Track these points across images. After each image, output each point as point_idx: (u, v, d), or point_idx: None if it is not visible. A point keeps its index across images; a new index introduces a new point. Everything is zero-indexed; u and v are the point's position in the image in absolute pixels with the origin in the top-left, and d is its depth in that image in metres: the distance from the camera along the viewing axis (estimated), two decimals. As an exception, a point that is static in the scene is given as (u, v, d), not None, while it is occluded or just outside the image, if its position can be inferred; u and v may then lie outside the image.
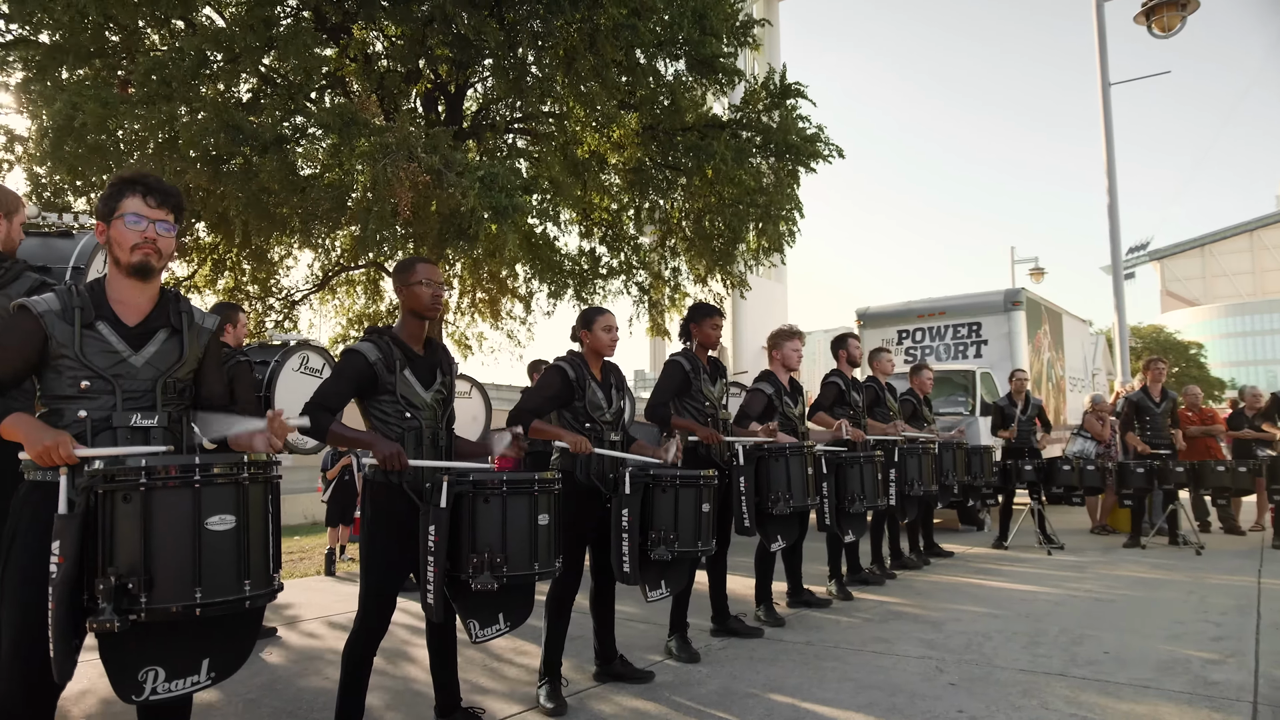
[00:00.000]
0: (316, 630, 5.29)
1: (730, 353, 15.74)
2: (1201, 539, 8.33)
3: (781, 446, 4.52)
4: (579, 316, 3.95)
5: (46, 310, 2.24)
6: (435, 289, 3.13)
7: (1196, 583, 6.31)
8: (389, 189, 5.96)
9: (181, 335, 2.41)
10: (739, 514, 4.44)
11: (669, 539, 3.48)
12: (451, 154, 6.42)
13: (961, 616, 5.21)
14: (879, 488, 5.46)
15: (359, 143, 6.06)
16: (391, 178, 5.92)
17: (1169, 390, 8.59)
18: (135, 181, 2.39)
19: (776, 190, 9.04)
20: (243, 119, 6.52)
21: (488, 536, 2.70)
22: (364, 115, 6.43)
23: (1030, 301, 12.16)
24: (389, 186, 5.94)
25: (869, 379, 7.11)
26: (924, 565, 7.32)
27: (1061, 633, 4.73)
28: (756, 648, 4.57)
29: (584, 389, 3.76)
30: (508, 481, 2.74)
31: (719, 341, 4.94)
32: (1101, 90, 10.93)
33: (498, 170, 6.47)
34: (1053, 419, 12.86)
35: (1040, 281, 23.63)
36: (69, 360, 2.22)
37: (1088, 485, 8.23)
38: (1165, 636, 4.62)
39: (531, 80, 7.68)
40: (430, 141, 6.40)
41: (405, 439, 2.98)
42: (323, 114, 6.43)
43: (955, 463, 7.21)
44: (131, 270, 2.33)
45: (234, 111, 6.55)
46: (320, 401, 2.96)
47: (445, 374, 3.19)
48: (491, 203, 6.20)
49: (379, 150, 6.03)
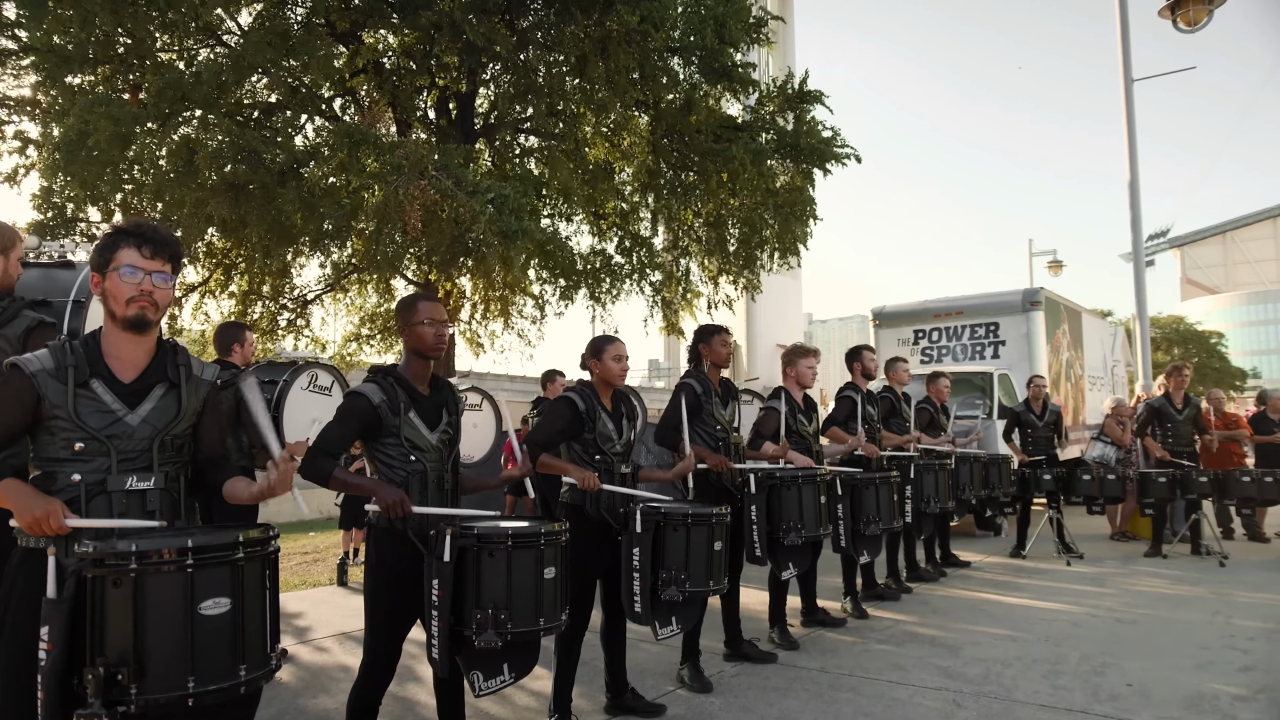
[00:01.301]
0: (327, 645, 5.26)
1: (744, 349, 15.61)
2: (1225, 548, 8.18)
3: (794, 475, 4.42)
4: (588, 345, 3.86)
5: (39, 369, 2.18)
6: (438, 328, 3.06)
7: (1221, 600, 6.18)
8: (400, 209, 5.89)
9: (179, 389, 2.35)
10: (750, 543, 4.37)
11: (680, 579, 3.40)
12: (463, 172, 6.33)
13: (979, 640, 5.11)
14: (894, 509, 5.36)
15: (369, 163, 5.99)
16: (404, 198, 5.85)
17: (1192, 397, 8.42)
18: (131, 232, 2.32)
19: (793, 194, 8.91)
20: (259, 141, 6.47)
21: (492, 592, 2.63)
22: (373, 133, 6.35)
23: (1049, 301, 11.97)
24: (400, 207, 5.87)
25: (884, 389, 7.00)
26: (940, 577, 7.22)
27: (1082, 661, 4.63)
28: (770, 675, 4.50)
29: (594, 421, 3.68)
30: (513, 536, 2.67)
31: (730, 359, 4.85)
32: (1124, 86, 10.68)
33: (509, 192, 6.38)
34: (1071, 419, 12.70)
35: (1058, 274, 23.31)
36: (62, 421, 2.17)
37: (1108, 495, 8.08)
38: (1191, 666, 4.51)
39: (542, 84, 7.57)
40: (442, 159, 6.32)
41: (410, 482, 2.91)
42: (332, 135, 6.35)
43: (973, 476, 7.10)
44: (127, 324, 2.27)
45: (250, 134, 6.50)
46: (322, 446, 2.90)
47: (451, 414, 3.11)
48: (502, 227, 6.13)
49: (390, 169, 5.96)
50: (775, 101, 9.36)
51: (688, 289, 12.42)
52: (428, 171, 6.14)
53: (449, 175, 6.28)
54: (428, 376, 3.10)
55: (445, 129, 8.37)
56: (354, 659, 4.79)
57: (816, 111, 9.49)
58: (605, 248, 12.38)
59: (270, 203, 6.50)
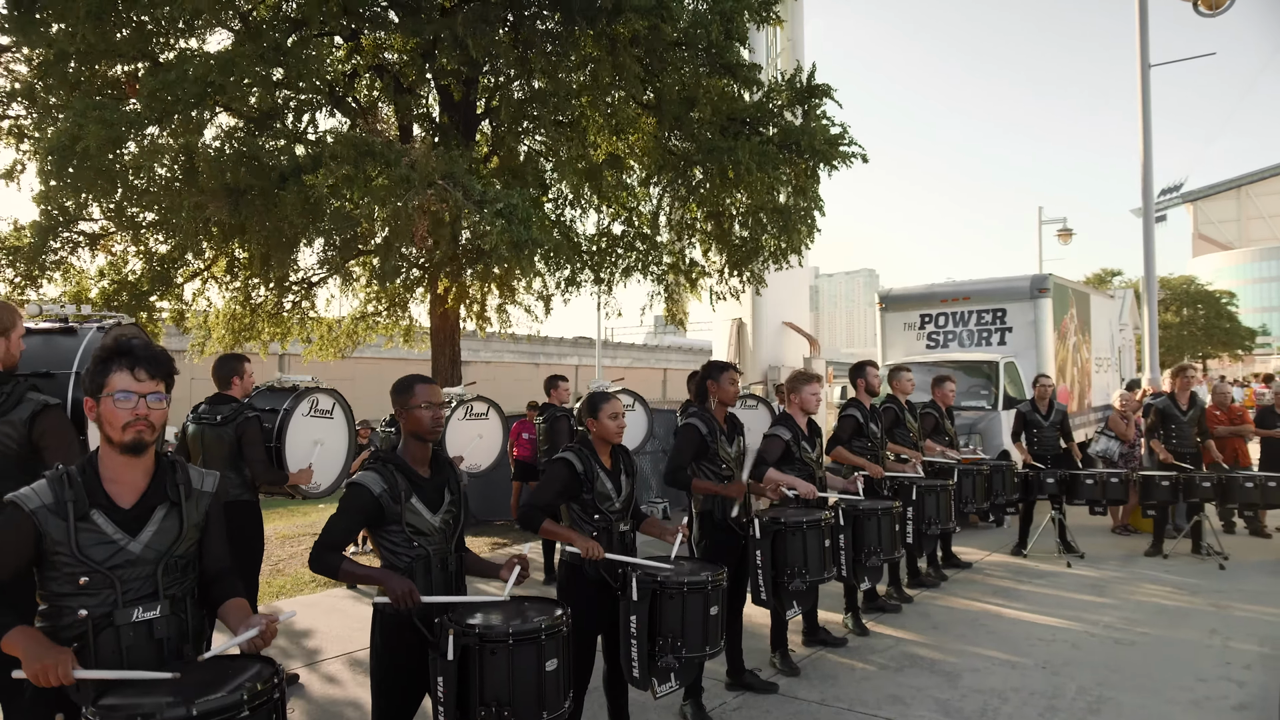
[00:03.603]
0: (338, 674, 5.36)
1: (750, 328, 15.55)
2: (1226, 544, 8.22)
3: (799, 521, 4.44)
4: (585, 403, 3.84)
5: (39, 506, 2.18)
6: (435, 411, 3.06)
7: (1219, 614, 6.23)
8: (409, 223, 5.84)
9: (180, 507, 2.36)
10: (755, 587, 4.41)
11: (676, 646, 3.45)
12: (471, 181, 6.25)
13: (978, 665, 5.18)
14: (895, 540, 5.39)
15: (376, 180, 5.91)
16: (412, 212, 5.79)
17: (1197, 397, 8.39)
18: (122, 354, 2.29)
19: (798, 194, 8.79)
20: (260, 148, 6.38)
21: (495, 690, 2.67)
22: (378, 143, 6.25)
23: (1057, 287, 11.88)
24: (409, 221, 5.82)
25: (888, 399, 6.99)
26: (941, 581, 7.29)
27: (1079, 694, 4.69)
28: (771, 708, 4.58)
29: (593, 481, 3.69)
30: (514, 634, 2.69)
31: (737, 397, 4.85)
32: (1141, 72, 10.40)
33: (517, 200, 6.29)
34: (1077, 402, 12.69)
35: (1068, 243, 23.04)
36: (64, 557, 2.18)
37: (1110, 498, 8.11)
38: (1187, 702, 4.58)
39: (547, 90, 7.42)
40: (448, 166, 6.22)
41: (414, 567, 2.94)
42: (336, 146, 6.25)
43: (975, 489, 7.11)
44: (125, 449, 2.27)
45: (252, 140, 6.40)
46: (328, 540, 2.92)
47: (454, 493, 3.12)
48: (513, 237, 6.07)
49: (397, 184, 5.89)
50: (784, 95, 9.17)
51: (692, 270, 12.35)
52: (435, 182, 6.07)
53: (456, 184, 6.20)
54: (428, 458, 3.10)
55: (447, 128, 8.24)
56: (363, 691, 4.88)
57: (825, 106, 9.33)
58: (611, 227, 12.29)
59: (270, 208, 6.45)
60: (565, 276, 11.96)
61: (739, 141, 8.43)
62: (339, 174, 5.82)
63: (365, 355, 18.11)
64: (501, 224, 6.02)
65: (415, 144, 6.56)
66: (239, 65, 6.35)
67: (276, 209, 6.44)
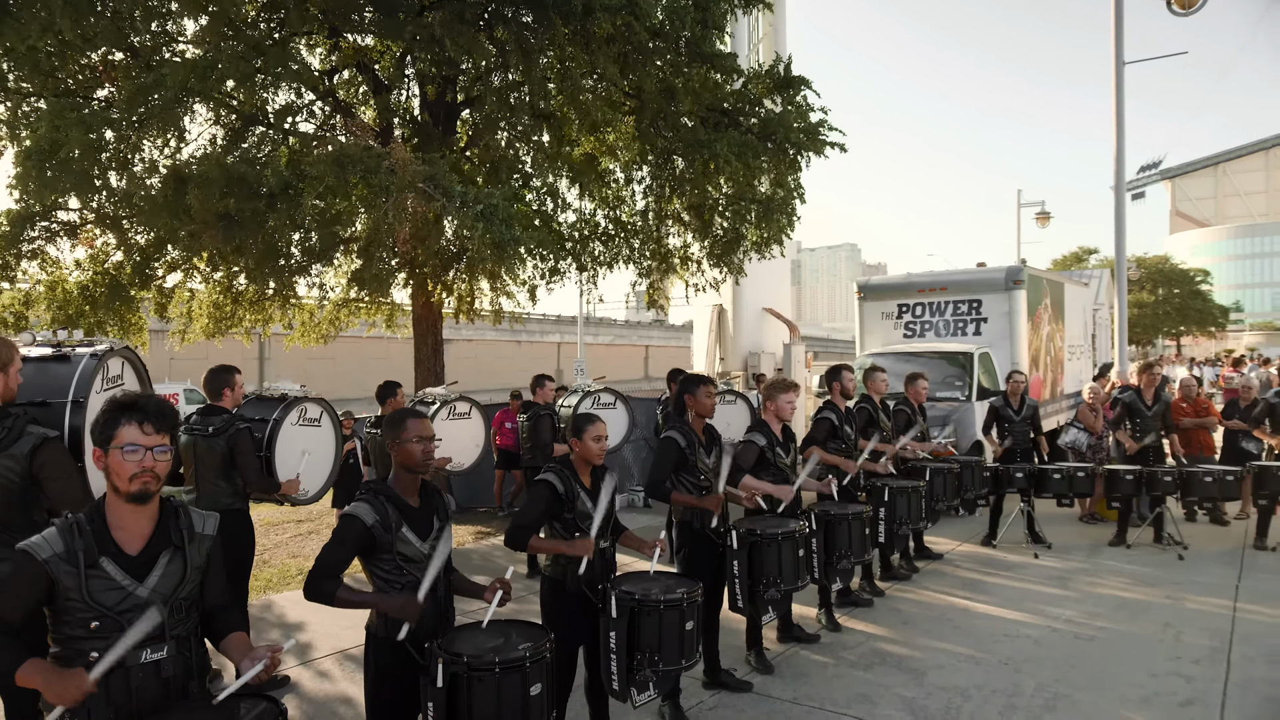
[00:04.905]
0: (328, 669, 5.52)
1: (730, 315, 15.71)
2: (1186, 536, 8.54)
3: (774, 533, 4.63)
4: (571, 424, 3.99)
5: (51, 556, 2.30)
6: (426, 445, 3.19)
7: (1174, 607, 6.52)
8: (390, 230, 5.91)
9: (184, 551, 2.49)
10: (732, 595, 4.61)
11: (653, 660, 3.64)
12: (451, 183, 6.32)
13: (944, 663, 5.42)
14: (866, 543, 5.61)
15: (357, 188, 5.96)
16: (393, 220, 5.86)
17: (1162, 393, 8.66)
18: (131, 409, 2.42)
19: (777, 185, 8.92)
20: (247, 166, 6.40)
21: (483, 715, 2.84)
22: (356, 149, 6.29)
23: (1031, 279, 12.10)
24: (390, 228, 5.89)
25: (863, 398, 7.18)
26: (913, 574, 7.55)
27: (1037, 691, 4.95)
28: (745, 707, 4.80)
29: (573, 501, 3.85)
30: (500, 663, 2.86)
31: (714, 409, 5.00)
32: (1115, 70, 10.56)
33: (498, 201, 6.38)
34: (1049, 391, 12.99)
35: (1046, 226, 23.33)
36: (77, 603, 2.31)
37: (1077, 491, 8.39)
38: (1137, 699, 4.83)
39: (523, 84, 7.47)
40: (430, 169, 6.29)
41: (405, 594, 3.09)
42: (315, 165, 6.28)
43: (946, 487, 7.34)
44: (131, 498, 2.39)
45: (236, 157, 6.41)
46: (322, 570, 3.05)
47: (442, 521, 3.27)
48: (494, 238, 6.16)
49: (378, 193, 5.95)
50: (763, 84, 9.25)
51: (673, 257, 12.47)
52: (416, 186, 6.14)
53: (437, 187, 6.28)
54: (417, 488, 3.25)
55: (426, 124, 8.27)
56: (355, 687, 5.06)
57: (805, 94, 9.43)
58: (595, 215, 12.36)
59: (261, 228, 6.50)
60: (549, 266, 12.06)
61: (719, 134, 8.52)
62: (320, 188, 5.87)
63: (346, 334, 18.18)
64: (483, 226, 6.11)
65: (395, 144, 6.61)
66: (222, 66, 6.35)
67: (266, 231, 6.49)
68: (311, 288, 11.46)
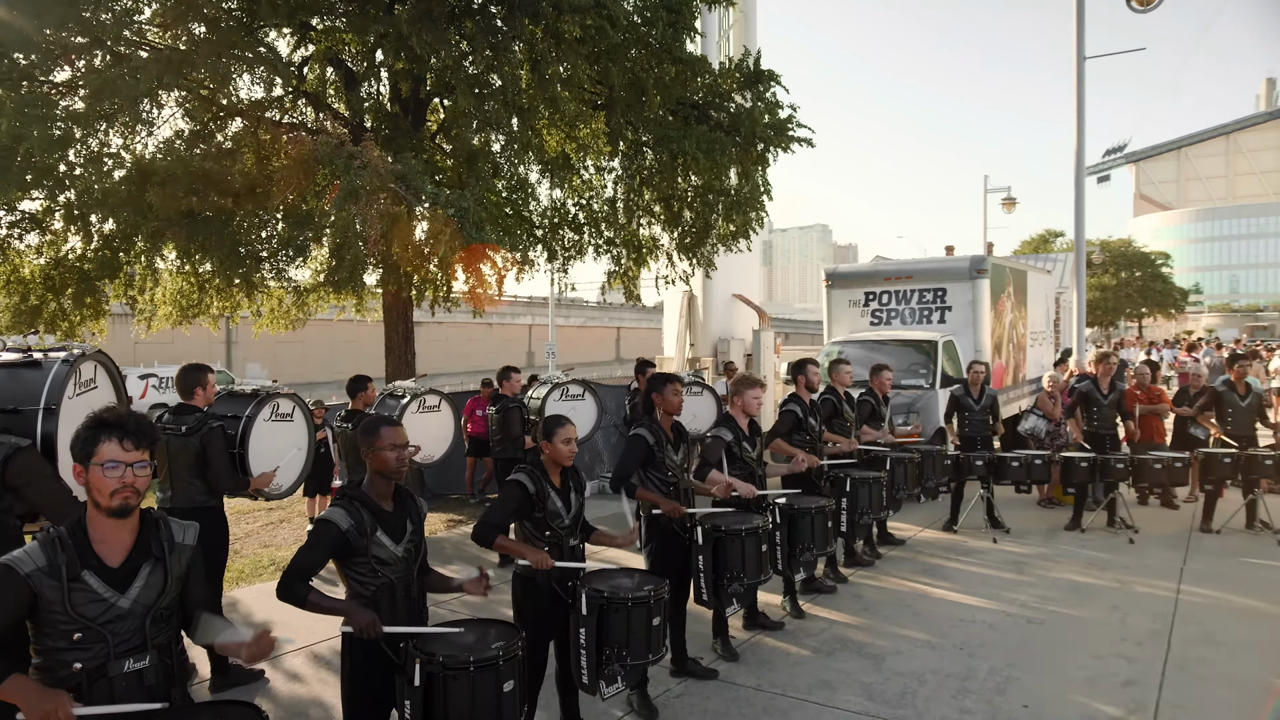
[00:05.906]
0: (301, 670, 5.59)
1: (700, 301, 15.83)
2: (1137, 519, 8.87)
3: (738, 529, 4.79)
4: (541, 427, 4.10)
5: (34, 570, 2.37)
6: (399, 453, 3.28)
7: (1122, 590, 6.81)
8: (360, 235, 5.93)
9: (165, 562, 2.57)
10: (698, 589, 4.76)
11: (622, 655, 3.78)
12: (422, 182, 6.34)
13: (902, 648, 5.64)
14: (828, 535, 5.79)
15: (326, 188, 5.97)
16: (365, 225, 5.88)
17: (1118, 383, 8.95)
18: (112, 425, 2.48)
19: (745, 180, 9.04)
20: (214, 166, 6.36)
21: (458, 712, 2.96)
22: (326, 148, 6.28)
23: (995, 267, 12.38)
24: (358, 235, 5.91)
25: (827, 390, 7.35)
26: (876, 559, 7.77)
27: (990, 675, 5.17)
28: (710, 695, 4.97)
29: (544, 501, 3.97)
30: (474, 662, 2.98)
31: (681, 406, 5.14)
32: (1076, 64, 10.77)
33: (468, 204, 6.42)
34: (1011, 377, 13.31)
35: (1011, 211, 23.73)
36: (60, 615, 2.38)
37: (1035, 478, 8.68)
38: (1082, 680, 5.08)
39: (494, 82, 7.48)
40: (401, 168, 6.30)
41: (379, 595, 3.19)
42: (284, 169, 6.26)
43: (907, 476, 7.56)
44: (111, 513, 2.46)
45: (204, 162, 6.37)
46: (296, 572, 3.14)
47: (415, 524, 3.37)
48: (465, 239, 6.22)
49: (347, 195, 5.96)
50: (733, 79, 9.34)
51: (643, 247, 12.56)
52: (386, 187, 6.16)
53: (409, 188, 6.31)
54: (391, 493, 3.34)
55: (397, 116, 8.26)
56: (329, 690, 5.14)
57: (774, 89, 9.53)
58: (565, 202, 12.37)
59: (227, 225, 6.48)
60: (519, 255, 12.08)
61: (688, 128, 8.60)
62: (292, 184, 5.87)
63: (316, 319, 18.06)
64: (452, 230, 6.16)
65: (367, 142, 6.61)
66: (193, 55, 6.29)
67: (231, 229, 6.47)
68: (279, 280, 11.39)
